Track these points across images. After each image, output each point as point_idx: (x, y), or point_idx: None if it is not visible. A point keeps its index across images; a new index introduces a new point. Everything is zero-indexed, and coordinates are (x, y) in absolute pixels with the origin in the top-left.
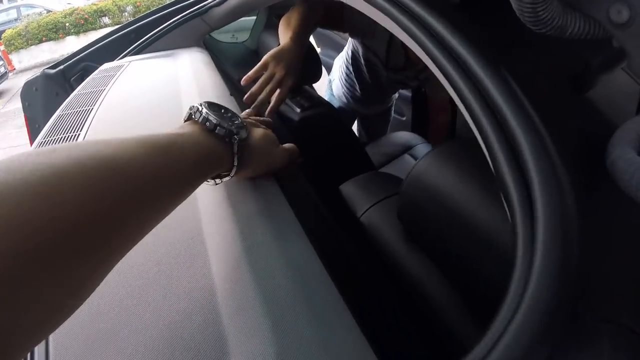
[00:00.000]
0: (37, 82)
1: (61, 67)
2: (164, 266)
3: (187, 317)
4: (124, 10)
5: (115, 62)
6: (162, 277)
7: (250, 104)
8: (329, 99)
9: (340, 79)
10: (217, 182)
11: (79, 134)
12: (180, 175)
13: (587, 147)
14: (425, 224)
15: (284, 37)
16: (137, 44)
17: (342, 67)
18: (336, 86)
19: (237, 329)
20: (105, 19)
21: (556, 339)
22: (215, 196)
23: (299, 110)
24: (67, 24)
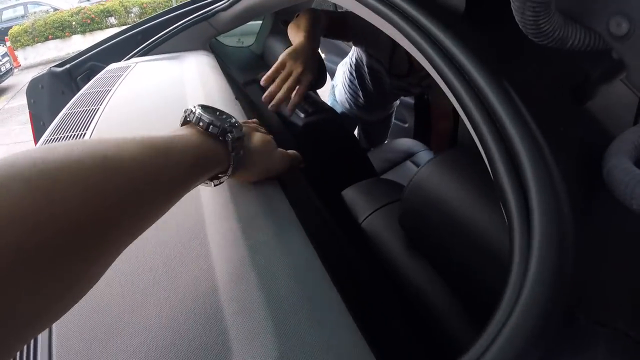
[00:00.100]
0: (44, 79)
1: (68, 65)
2: (167, 266)
3: (190, 318)
4: (130, 11)
5: (122, 63)
6: (166, 277)
7: (268, 102)
8: (332, 104)
9: (343, 85)
10: (215, 183)
11: (85, 133)
12: (177, 175)
13: (584, 157)
14: (426, 231)
15: (297, 37)
16: (144, 45)
17: (345, 74)
18: (339, 92)
19: (239, 331)
20: (111, 19)
21: (550, 343)
22: (218, 198)
23: (303, 115)
24: (74, 23)
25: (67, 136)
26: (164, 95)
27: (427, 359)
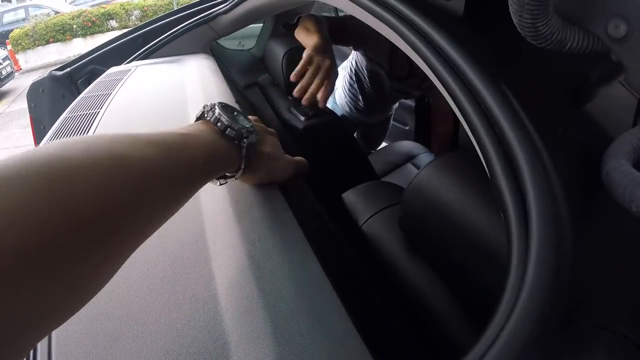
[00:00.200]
0: (44, 83)
1: (68, 69)
2: (166, 270)
3: (189, 321)
4: (131, 14)
5: (122, 66)
6: (166, 280)
7: (301, 96)
8: (332, 106)
9: (343, 88)
10: (221, 182)
11: None
12: (189, 175)
13: (583, 159)
14: (426, 234)
15: (312, 38)
16: (144, 49)
17: (345, 78)
18: (339, 95)
19: (239, 334)
20: (112, 22)
21: (548, 346)
22: (218, 202)
23: (303, 118)
24: (75, 26)
25: None
26: (165, 98)
27: None
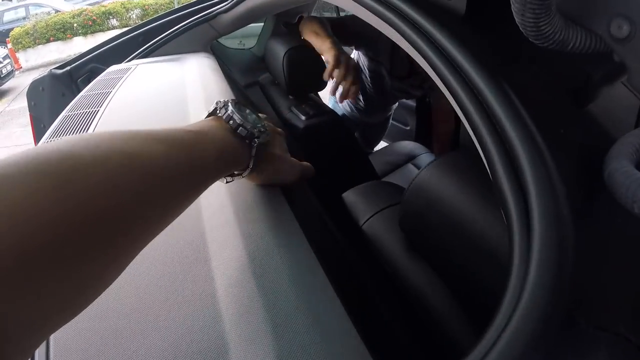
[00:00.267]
0: (44, 81)
1: (68, 67)
2: (166, 269)
3: (188, 320)
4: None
5: (122, 65)
6: (165, 280)
7: (334, 93)
8: (333, 106)
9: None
10: (227, 180)
11: None
12: (201, 173)
13: (585, 159)
14: (426, 234)
15: (325, 42)
16: (145, 47)
17: None
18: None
19: (238, 334)
20: (113, 20)
21: (550, 346)
22: (218, 202)
23: (304, 118)
24: (75, 25)
25: None
26: (165, 97)
27: None
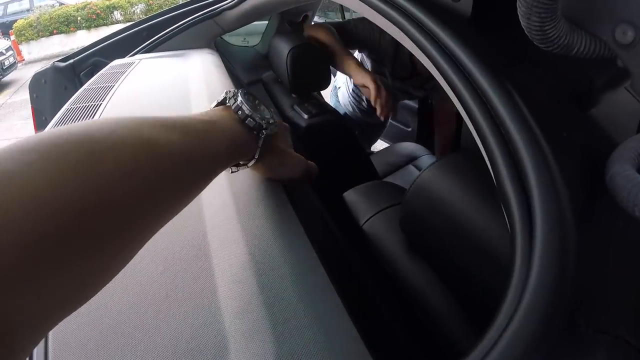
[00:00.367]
0: (47, 74)
1: (71, 60)
2: (167, 266)
3: (189, 317)
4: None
5: (125, 59)
6: (165, 276)
7: (386, 116)
8: (335, 105)
9: (347, 89)
10: (233, 170)
11: None
12: (212, 161)
13: (587, 163)
14: (427, 235)
15: (350, 63)
16: (148, 42)
17: (349, 79)
18: (342, 94)
19: (238, 331)
20: (117, 14)
21: (550, 347)
22: (219, 198)
23: (306, 116)
24: (79, 18)
25: None
26: (168, 92)
27: None
